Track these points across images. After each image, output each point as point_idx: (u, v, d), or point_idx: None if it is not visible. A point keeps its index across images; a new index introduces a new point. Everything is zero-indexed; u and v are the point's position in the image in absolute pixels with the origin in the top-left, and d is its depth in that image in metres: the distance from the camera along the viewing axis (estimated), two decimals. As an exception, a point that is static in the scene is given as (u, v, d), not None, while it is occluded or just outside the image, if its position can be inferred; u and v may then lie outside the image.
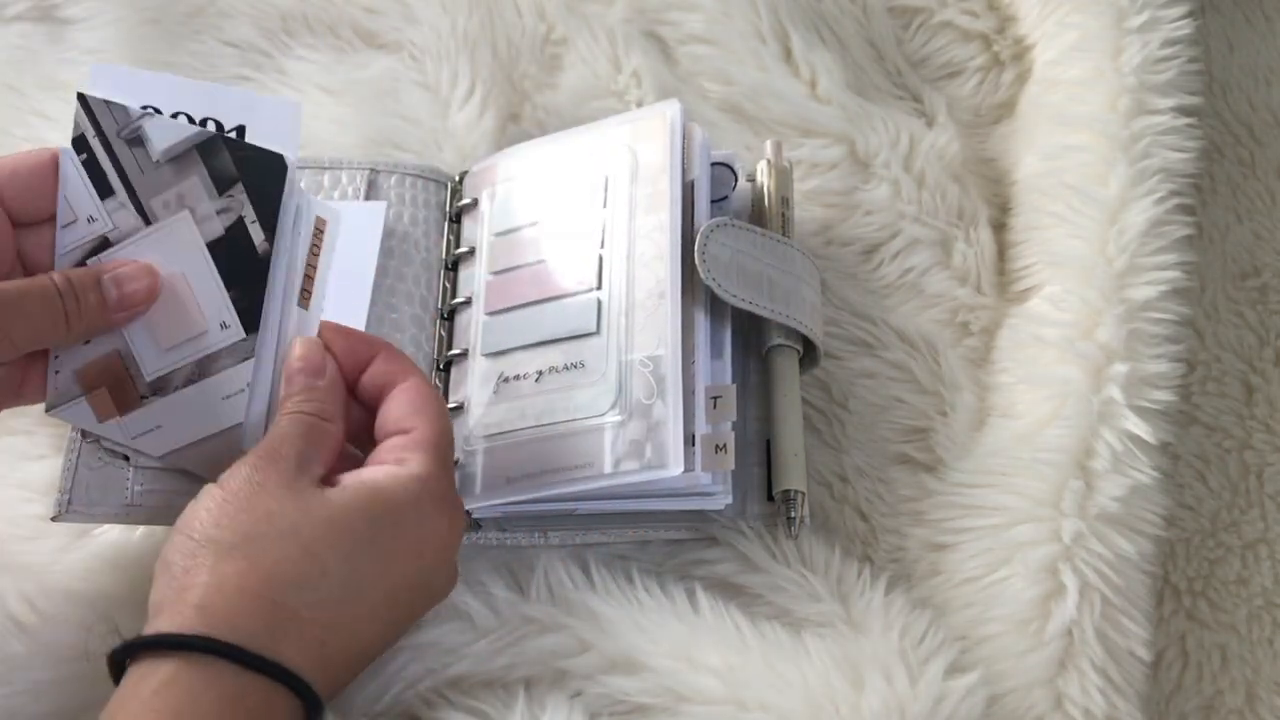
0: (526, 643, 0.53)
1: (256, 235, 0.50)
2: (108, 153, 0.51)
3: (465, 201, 0.64)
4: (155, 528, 0.55)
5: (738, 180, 0.62)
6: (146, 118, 0.51)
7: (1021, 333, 0.62)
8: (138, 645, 0.43)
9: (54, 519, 0.54)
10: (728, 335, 0.58)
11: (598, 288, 0.57)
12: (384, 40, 0.73)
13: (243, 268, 0.51)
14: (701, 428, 0.54)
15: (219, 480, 0.47)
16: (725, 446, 0.54)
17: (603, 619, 0.54)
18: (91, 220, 0.52)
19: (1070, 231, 0.63)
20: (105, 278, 0.51)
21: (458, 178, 0.65)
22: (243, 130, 0.51)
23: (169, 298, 0.52)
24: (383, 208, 0.63)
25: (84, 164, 0.51)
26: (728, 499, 0.55)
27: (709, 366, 0.56)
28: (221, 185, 0.50)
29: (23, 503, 0.58)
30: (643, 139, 0.59)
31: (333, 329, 0.52)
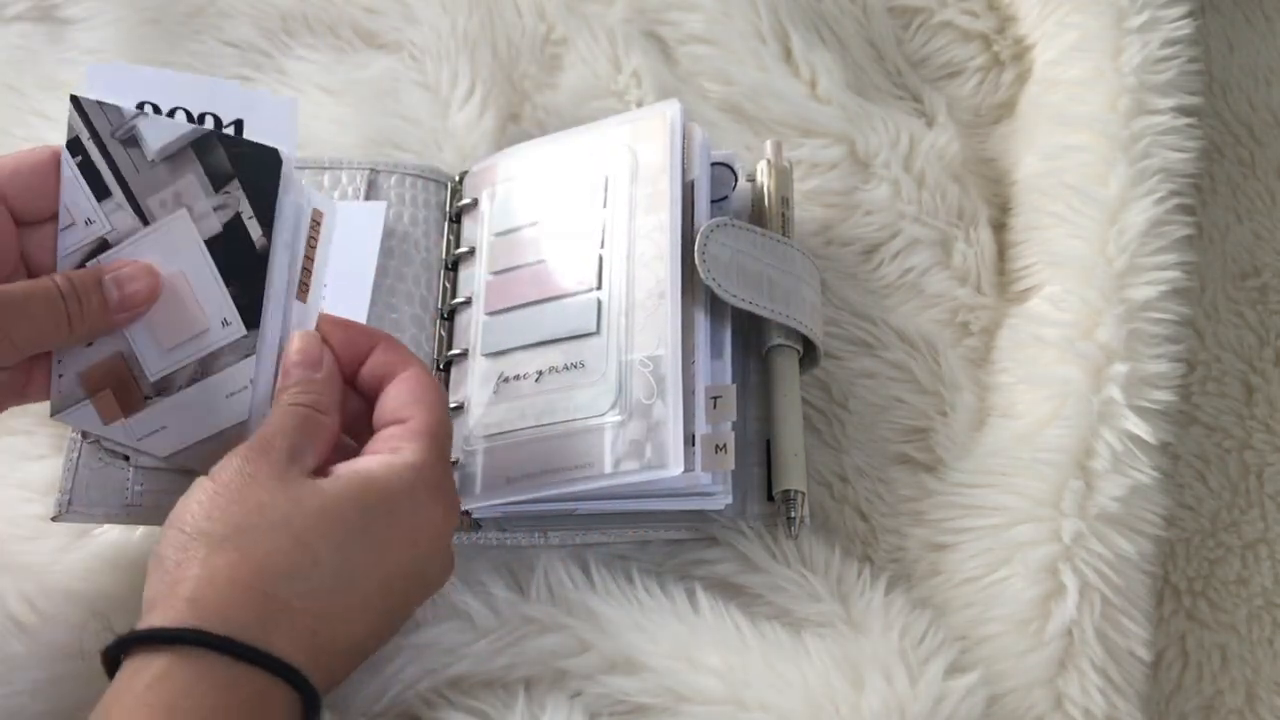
0: (526, 643, 0.53)
1: (254, 231, 0.50)
2: (103, 154, 0.51)
3: (465, 201, 0.64)
4: (155, 528, 0.55)
5: (738, 180, 0.62)
6: (141, 117, 0.51)
7: (1021, 333, 0.62)
8: (131, 640, 0.43)
9: (54, 519, 0.55)
10: (728, 335, 0.58)
11: (598, 288, 0.57)
12: (384, 40, 0.73)
13: (241, 264, 0.51)
14: (701, 428, 0.54)
15: (210, 473, 0.47)
16: (725, 446, 0.53)
17: (603, 619, 0.54)
18: (89, 223, 0.52)
19: (1070, 231, 0.63)
20: (106, 278, 0.51)
21: (458, 178, 0.65)
22: (240, 125, 0.51)
23: (169, 297, 0.52)
24: (383, 208, 0.63)
25: (79, 166, 0.51)
26: (728, 499, 0.55)
27: (709, 366, 0.56)
28: (217, 182, 0.50)
29: (23, 503, 0.58)
30: (643, 139, 0.59)
31: (331, 321, 0.52)
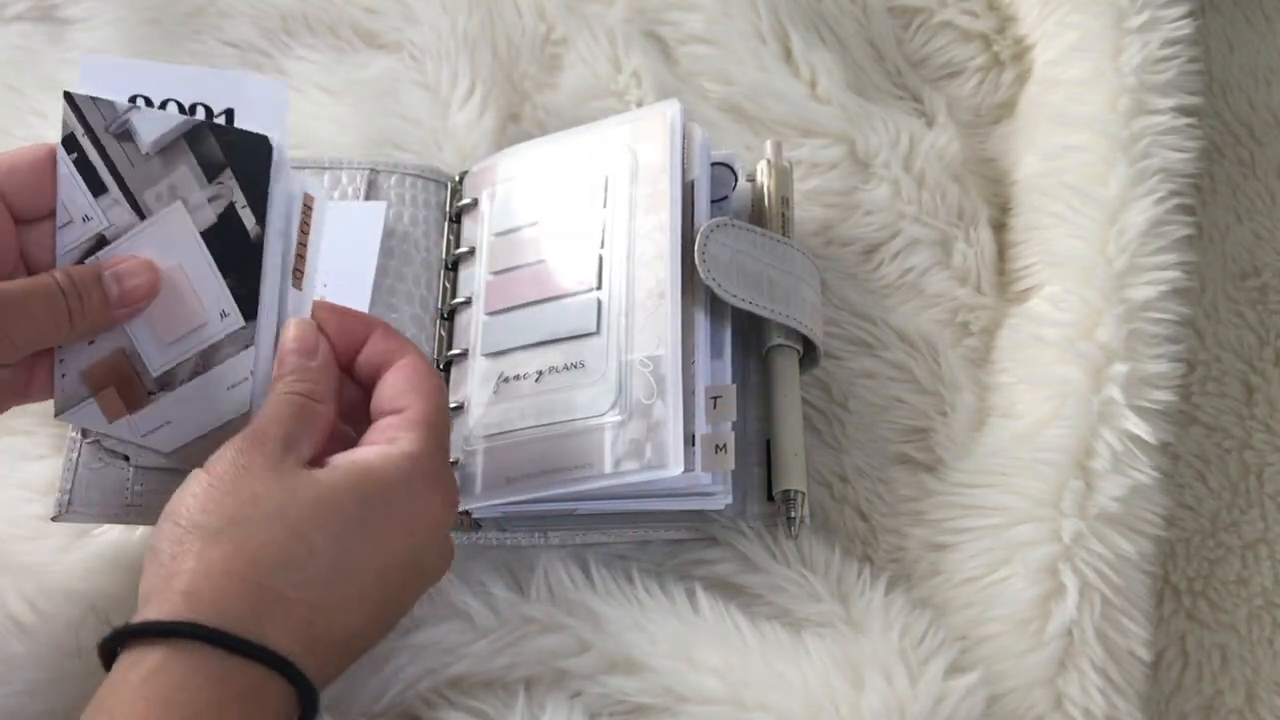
0: (526, 643, 0.53)
1: (248, 220, 0.50)
2: (98, 149, 0.51)
3: (465, 201, 0.64)
4: (155, 527, 0.55)
5: (738, 180, 0.62)
6: (134, 111, 0.50)
7: (1021, 333, 0.62)
8: (126, 634, 0.43)
9: (54, 519, 0.54)
10: (728, 335, 0.58)
11: (598, 288, 0.57)
12: (384, 40, 0.73)
13: (237, 254, 0.51)
14: (701, 428, 0.54)
15: (205, 465, 0.46)
16: (725, 446, 0.53)
17: (603, 619, 0.54)
18: (87, 219, 0.52)
19: (1070, 231, 0.63)
20: (106, 274, 0.51)
21: (458, 178, 0.65)
22: (231, 114, 0.51)
23: (168, 291, 0.51)
24: (383, 208, 0.63)
25: (75, 163, 0.51)
26: (728, 499, 0.55)
27: (709, 366, 0.56)
28: (210, 172, 0.50)
29: (23, 503, 0.58)
30: (643, 139, 0.59)
31: (328, 308, 0.51)
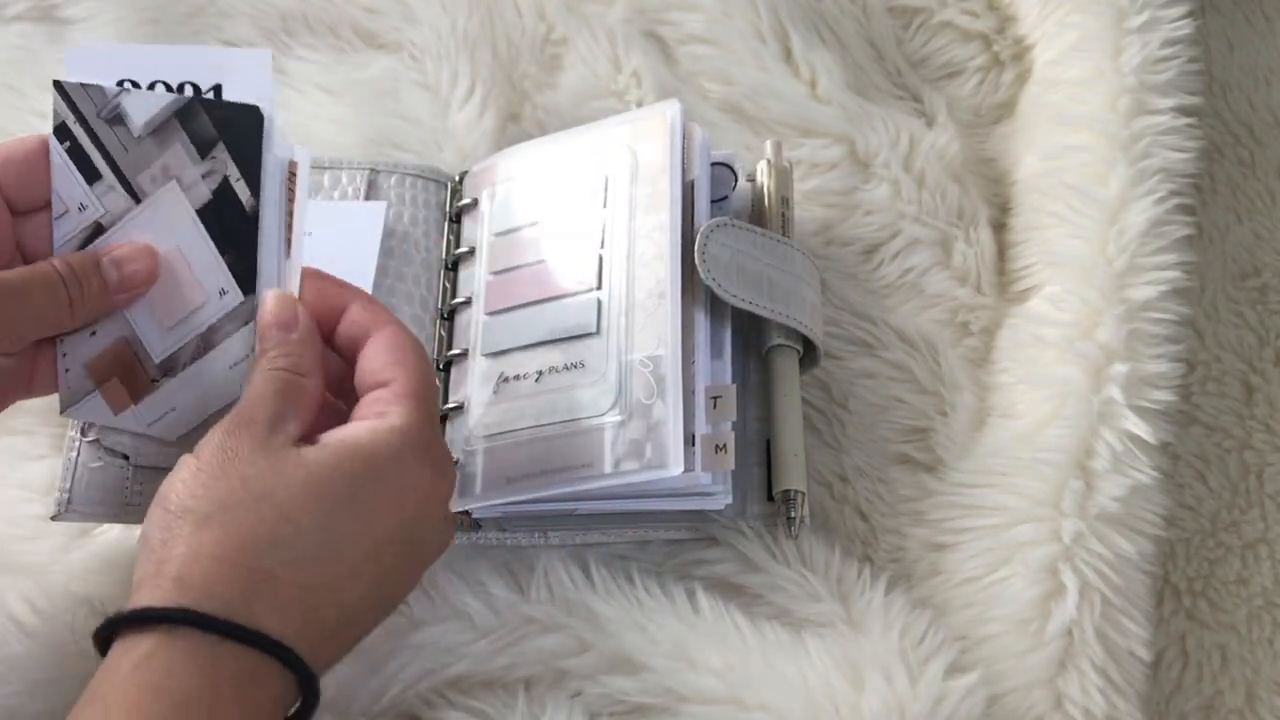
0: (526, 643, 0.53)
1: (243, 193, 0.50)
2: (90, 136, 0.51)
3: (465, 201, 0.64)
4: (155, 527, 0.55)
5: (738, 180, 0.62)
6: (124, 94, 0.50)
7: (1021, 333, 0.62)
8: (119, 621, 0.42)
9: (54, 519, 0.54)
10: (728, 335, 0.58)
11: (598, 288, 0.57)
12: (384, 40, 0.73)
13: (234, 229, 0.50)
14: (701, 428, 0.54)
15: (194, 449, 0.46)
16: (725, 446, 0.53)
17: (603, 619, 0.54)
18: (83, 208, 0.51)
19: (1070, 231, 0.63)
20: (104, 260, 0.50)
21: (458, 178, 0.65)
22: (219, 89, 0.51)
23: (167, 275, 0.51)
24: (383, 208, 0.63)
25: (68, 152, 0.51)
26: (728, 499, 0.55)
27: (709, 366, 0.56)
28: (203, 148, 0.50)
29: (23, 503, 0.58)
30: (643, 139, 0.59)
31: (309, 275, 0.51)
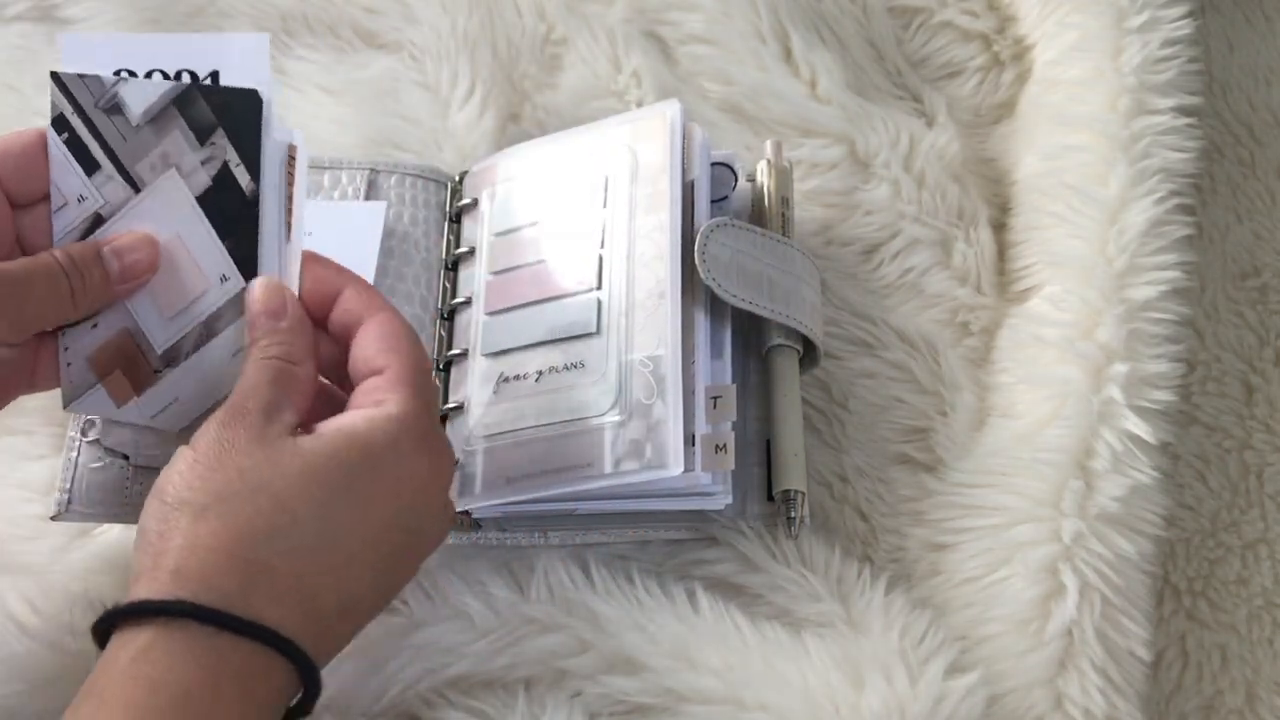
0: (526, 643, 0.53)
1: (242, 178, 0.50)
2: (88, 127, 0.51)
3: (465, 201, 0.64)
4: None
5: (738, 180, 0.62)
6: (121, 83, 0.50)
7: (1021, 333, 0.62)
8: (117, 614, 0.42)
9: (54, 519, 0.54)
10: (728, 335, 0.58)
11: (598, 288, 0.57)
12: (384, 40, 0.73)
13: (234, 215, 0.50)
14: (701, 428, 0.54)
15: (191, 442, 0.46)
16: (725, 446, 0.53)
17: (603, 619, 0.54)
18: (82, 199, 0.51)
19: (1070, 231, 0.63)
20: (105, 250, 0.50)
21: (458, 178, 0.65)
22: (216, 76, 0.51)
23: (168, 264, 0.51)
24: (383, 208, 0.63)
25: (67, 143, 0.51)
26: (728, 499, 0.55)
27: (709, 366, 0.56)
28: (202, 135, 0.50)
29: (23, 503, 0.58)
30: (643, 139, 0.59)
31: (305, 258, 0.51)
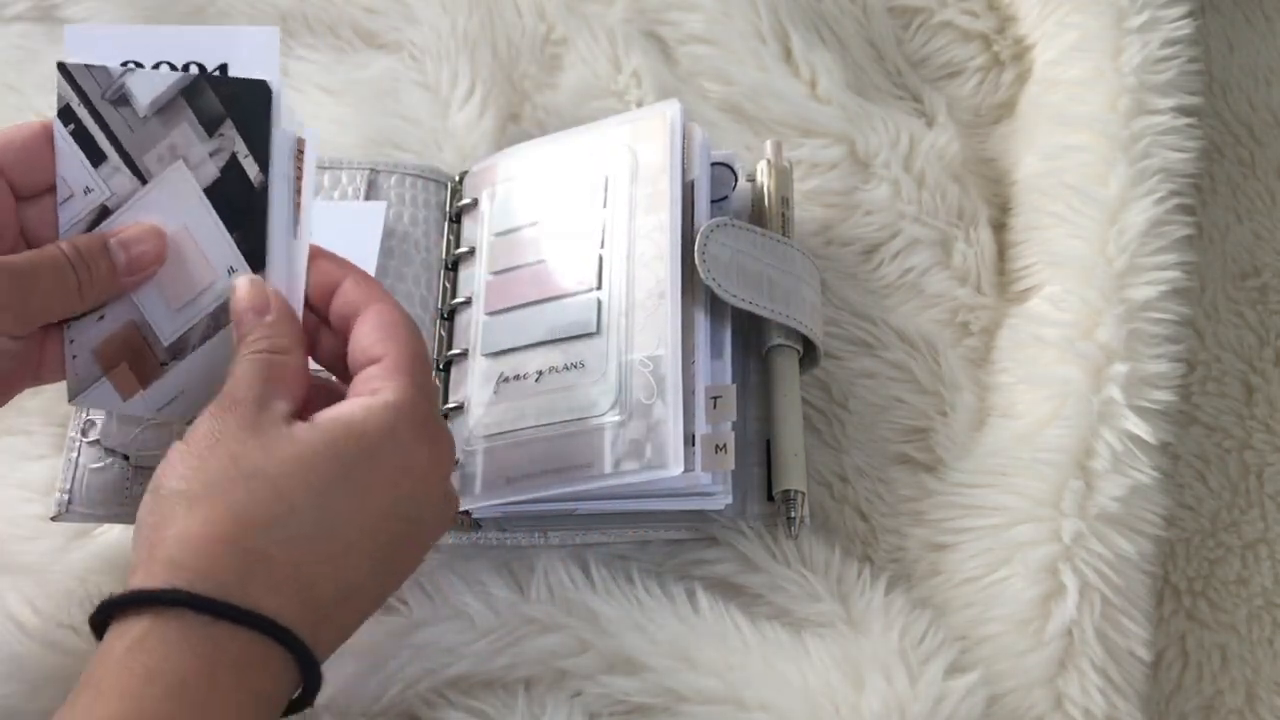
0: (526, 643, 0.53)
1: (251, 169, 0.50)
2: (95, 118, 0.50)
3: (465, 201, 0.64)
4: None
5: (738, 180, 0.62)
6: (129, 74, 0.50)
7: (1021, 333, 0.62)
8: (113, 605, 0.42)
9: (54, 519, 0.55)
10: (728, 335, 0.58)
11: (598, 288, 0.57)
12: (384, 40, 0.73)
13: (242, 207, 0.50)
14: (701, 428, 0.54)
15: (184, 435, 0.46)
16: (725, 446, 0.53)
17: (603, 619, 0.54)
18: (88, 191, 0.51)
19: (1070, 231, 0.63)
20: (112, 242, 0.50)
21: (458, 178, 0.65)
22: (225, 68, 0.50)
23: (175, 255, 0.51)
24: (383, 208, 0.63)
25: (73, 134, 0.50)
26: (728, 499, 0.55)
27: (709, 366, 0.56)
28: (210, 126, 0.50)
29: (23, 503, 0.58)
30: (643, 139, 0.59)
31: (310, 250, 0.51)
